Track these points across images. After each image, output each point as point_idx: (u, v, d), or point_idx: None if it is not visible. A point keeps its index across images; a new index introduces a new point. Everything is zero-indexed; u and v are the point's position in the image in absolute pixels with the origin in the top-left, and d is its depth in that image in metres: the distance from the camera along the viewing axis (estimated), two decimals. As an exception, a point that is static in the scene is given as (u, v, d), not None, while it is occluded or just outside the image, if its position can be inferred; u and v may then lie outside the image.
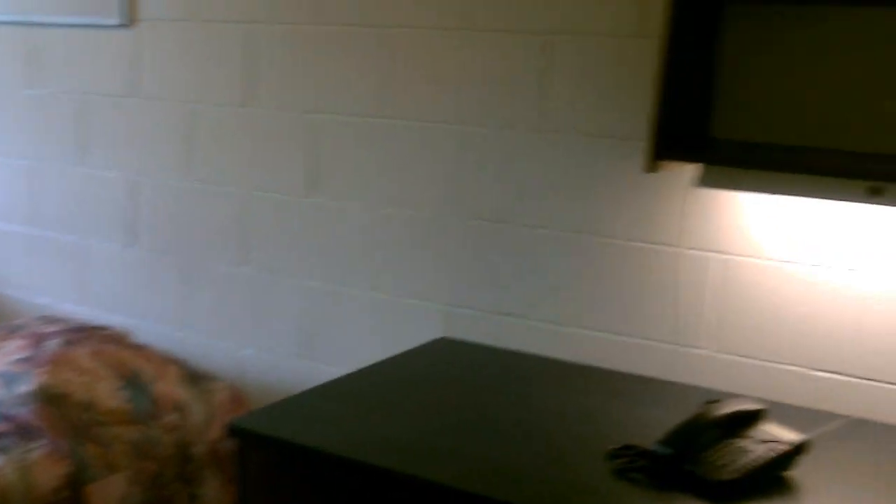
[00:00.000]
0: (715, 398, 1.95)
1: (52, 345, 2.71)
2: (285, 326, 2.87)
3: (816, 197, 2.14)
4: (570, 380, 2.32)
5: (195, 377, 2.79)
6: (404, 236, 2.66)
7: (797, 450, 1.83)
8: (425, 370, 2.35)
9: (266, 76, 2.81)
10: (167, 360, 2.82)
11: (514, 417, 2.09)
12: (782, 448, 1.81)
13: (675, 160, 2.21)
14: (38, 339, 2.76)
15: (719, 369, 2.31)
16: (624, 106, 2.34)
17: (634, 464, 1.84)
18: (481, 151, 2.53)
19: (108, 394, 2.59)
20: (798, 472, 1.85)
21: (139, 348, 2.86)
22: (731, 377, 2.30)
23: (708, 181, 2.24)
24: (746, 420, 1.88)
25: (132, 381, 2.66)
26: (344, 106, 2.70)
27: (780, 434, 1.85)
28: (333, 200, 2.75)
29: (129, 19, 3.00)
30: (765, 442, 1.83)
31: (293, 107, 2.78)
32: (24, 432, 2.39)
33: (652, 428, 1.98)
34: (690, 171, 2.26)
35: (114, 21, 3.00)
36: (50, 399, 2.50)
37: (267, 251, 2.88)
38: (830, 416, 2.13)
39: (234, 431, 2.01)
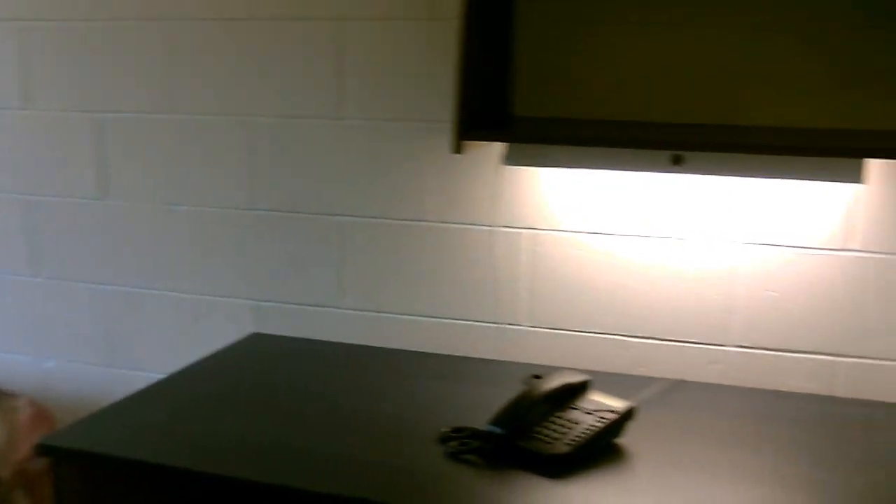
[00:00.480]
0: (538, 373, 1.95)
1: None
2: (87, 334, 2.74)
3: (621, 169, 2.18)
4: (390, 366, 2.29)
5: (-8, 397, 2.63)
6: (202, 233, 2.57)
7: (625, 417, 1.85)
8: (239, 368, 2.28)
9: (44, 75, 2.66)
10: (-41, 382, 2.64)
11: (338, 408, 2.04)
12: (611, 416, 1.83)
13: (480, 139, 2.20)
14: None
15: (539, 344, 2.33)
16: (425, 88, 2.32)
17: (467, 446, 1.82)
18: (276, 142, 2.46)
19: None
20: (627, 439, 1.87)
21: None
22: (551, 350, 2.32)
23: (513, 159, 2.25)
24: (573, 392, 1.89)
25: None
26: (130, 103, 2.58)
27: (606, 403, 1.87)
28: (125, 201, 2.64)
29: None
30: (593, 412, 1.84)
31: (76, 106, 2.64)
32: None
33: (481, 408, 1.97)
34: (497, 149, 2.26)
35: None
36: None
37: (60, 257, 2.73)
38: (649, 381, 2.18)
39: (45, 450, 1.89)
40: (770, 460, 1.80)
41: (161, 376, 2.23)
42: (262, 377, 2.22)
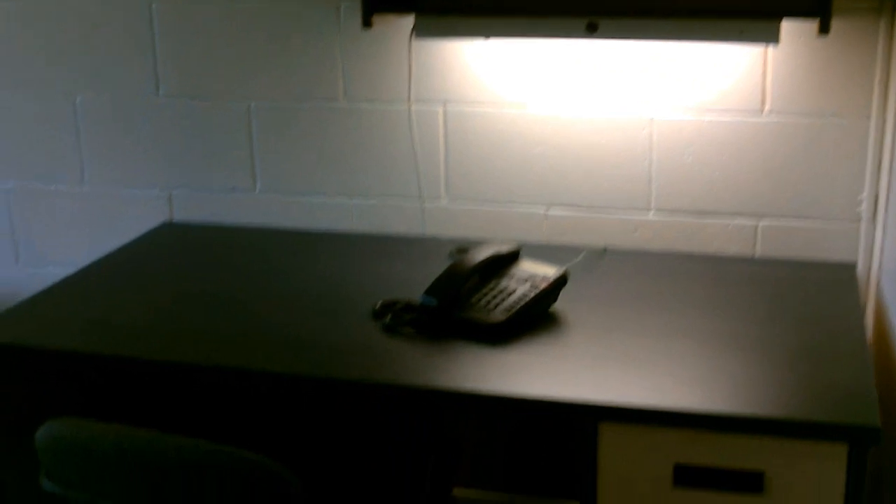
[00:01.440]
0: (463, 246, 1.94)
1: None
2: (-9, 234, 2.64)
3: (535, 37, 2.14)
4: (311, 247, 2.25)
5: None
6: (108, 122, 2.47)
7: (559, 283, 1.85)
8: (154, 257, 2.21)
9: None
10: None
11: (262, 290, 2.00)
12: (544, 283, 1.83)
13: (389, 12, 2.15)
14: None
15: (460, 219, 2.31)
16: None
17: (401, 319, 1.80)
18: (183, 25, 2.37)
19: None
20: (561, 305, 1.88)
21: None
22: (473, 225, 2.31)
23: (424, 31, 2.19)
24: (504, 262, 1.89)
25: None
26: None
27: (538, 270, 1.86)
28: (27, 90, 2.52)
29: None
30: (526, 280, 1.84)
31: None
32: None
33: (409, 283, 1.96)
34: (409, 23, 2.21)
35: None
36: None
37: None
38: (574, 250, 2.18)
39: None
40: (698, 319, 1.82)
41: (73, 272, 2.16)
42: (179, 264, 2.16)
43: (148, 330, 1.81)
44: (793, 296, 1.93)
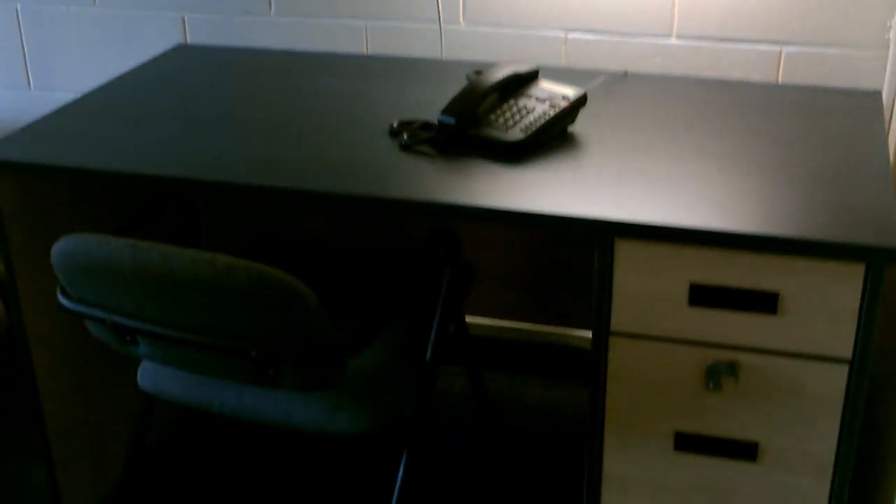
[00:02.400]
0: (481, 69, 1.90)
1: None
2: (5, 58, 2.60)
3: None
4: (327, 69, 2.21)
5: None
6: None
7: (577, 103, 1.82)
8: (169, 78, 2.18)
9: None
10: None
11: (278, 111, 1.97)
12: (563, 103, 1.80)
13: None
14: None
15: (478, 43, 2.27)
16: None
17: (419, 137, 1.78)
18: None
19: None
20: (580, 126, 1.85)
21: None
22: (491, 49, 2.26)
23: None
24: (523, 81, 1.85)
25: None
26: None
27: (557, 90, 1.83)
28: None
29: None
30: (545, 99, 1.81)
31: None
32: None
33: (426, 104, 1.94)
34: None
35: None
36: None
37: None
38: (593, 74, 2.14)
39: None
40: (718, 142, 1.80)
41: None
42: (192, 85, 2.13)
43: (162, 148, 1.80)
44: (816, 121, 1.90)
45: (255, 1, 2.38)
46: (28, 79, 2.60)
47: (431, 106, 1.93)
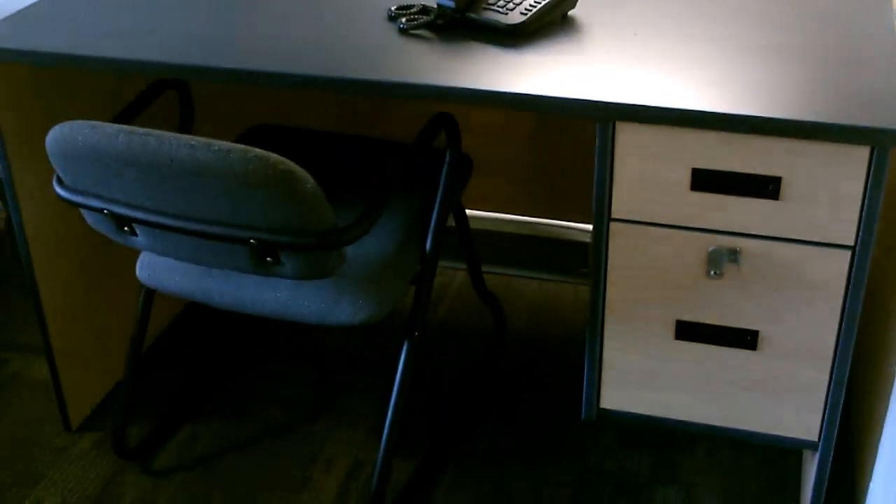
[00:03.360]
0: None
1: None
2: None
3: None
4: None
5: None
6: None
7: (579, -15, 1.78)
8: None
9: None
10: None
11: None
12: (563, -13, 1.76)
13: None
14: None
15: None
16: None
17: (418, 21, 1.75)
18: None
19: None
20: (581, 9, 1.82)
21: None
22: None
23: None
24: (523, -37, 1.81)
25: None
26: None
27: (558, -26, 1.79)
28: None
29: None
30: (545, -17, 1.77)
31: None
32: None
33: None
34: None
35: None
36: None
37: None
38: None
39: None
40: (723, 27, 1.76)
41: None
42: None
43: (157, 34, 1.76)
44: (825, 5, 1.85)
45: None
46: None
47: (430, -11, 1.89)
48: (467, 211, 2.31)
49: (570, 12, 1.81)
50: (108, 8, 1.88)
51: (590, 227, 1.61)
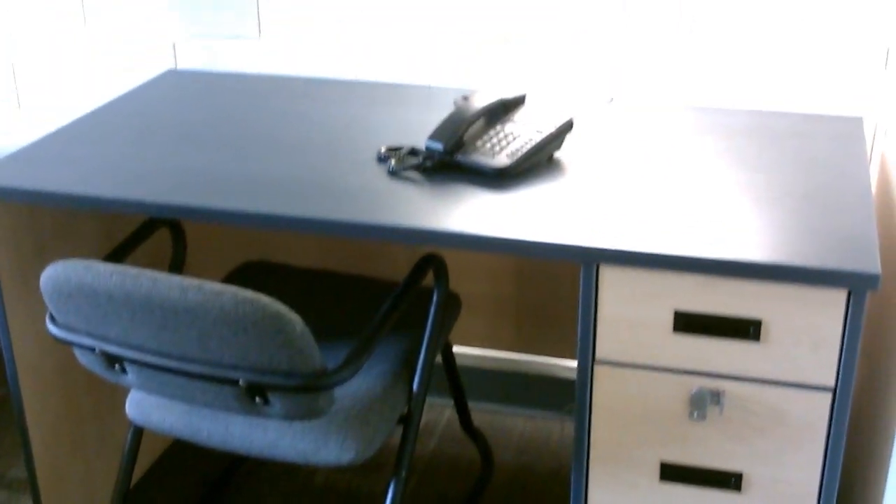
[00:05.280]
0: (469, 94, 1.91)
1: None
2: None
3: None
4: (316, 94, 2.22)
5: None
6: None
7: (563, 129, 1.83)
8: (159, 103, 2.19)
9: None
10: None
11: (269, 135, 1.98)
12: (549, 129, 1.81)
13: None
14: None
15: (465, 67, 2.28)
16: None
17: (407, 163, 1.79)
18: None
19: None
20: (566, 152, 1.86)
21: None
22: (478, 74, 2.28)
23: None
24: (510, 107, 1.87)
25: None
26: None
27: (544, 116, 1.84)
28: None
29: None
30: (531, 125, 1.82)
31: None
32: None
33: (414, 129, 1.95)
34: None
35: None
36: None
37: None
38: (582, 100, 2.15)
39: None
40: (702, 167, 1.81)
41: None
42: (183, 110, 2.14)
43: (151, 174, 1.80)
44: (799, 146, 1.91)
45: (244, 25, 2.39)
46: (18, 99, 2.61)
47: (419, 131, 1.94)
48: (455, 347, 2.33)
49: (556, 154, 1.85)
50: (104, 146, 1.92)
51: (576, 363, 1.62)
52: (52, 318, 1.65)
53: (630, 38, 2.18)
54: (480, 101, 1.83)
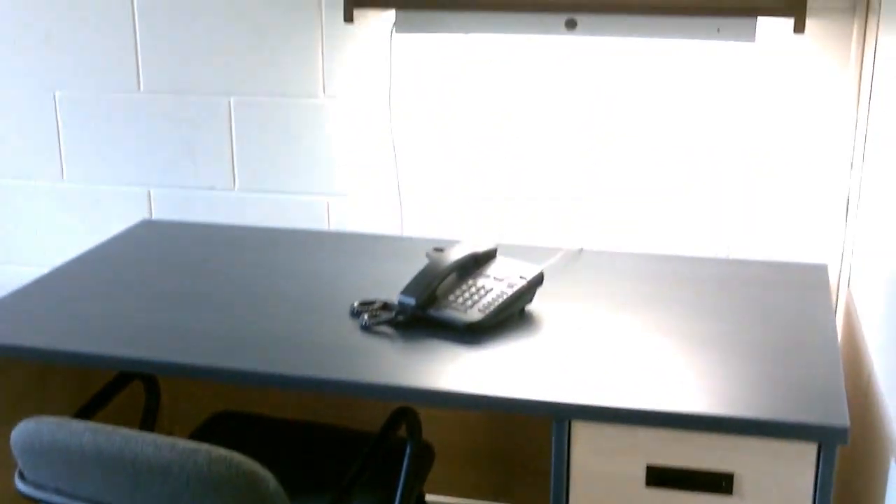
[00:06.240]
0: (440, 246, 1.95)
1: None
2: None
3: (516, 33, 2.16)
4: (290, 245, 2.25)
5: None
6: (88, 118, 2.48)
7: (534, 282, 1.86)
8: (133, 254, 2.21)
9: None
10: None
11: (241, 287, 2.00)
12: (520, 283, 1.84)
13: (371, 6, 2.16)
14: None
15: (437, 217, 2.32)
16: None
17: (380, 318, 1.81)
18: (163, 19, 2.37)
19: None
20: (537, 304, 1.89)
21: None
22: (449, 224, 2.31)
23: (405, 26, 2.21)
24: (481, 260, 1.90)
25: None
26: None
27: (515, 269, 1.87)
28: (5, 88, 2.52)
29: None
30: (503, 279, 1.85)
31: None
32: None
33: (387, 282, 1.97)
34: (389, 18, 2.22)
35: None
36: None
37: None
38: (551, 250, 2.19)
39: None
40: (671, 319, 1.84)
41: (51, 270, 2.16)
42: (157, 262, 2.16)
43: (124, 328, 1.81)
44: (765, 296, 1.95)
45: (219, 176, 2.43)
46: (4, 253, 2.63)
47: (392, 283, 1.96)
48: (428, 496, 2.32)
49: (528, 307, 1.88)
50: (77, 300, 1.94)
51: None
52: (21, 475, 1.64)
53: (598, 191, 2.23)
54: (452, 256, 1.86)
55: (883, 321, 1.71)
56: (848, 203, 2.11)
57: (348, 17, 2.11)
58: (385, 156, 2.32)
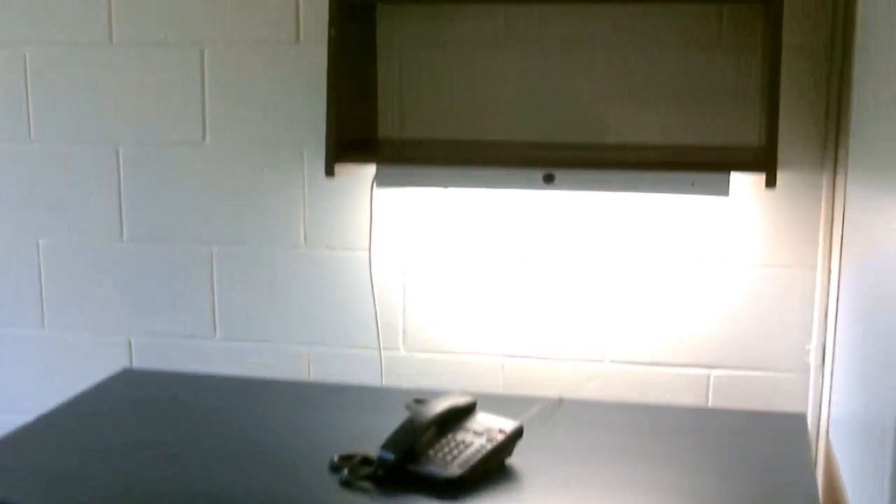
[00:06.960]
0: (420, 398, 1.95)
1: None
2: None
3: (495, 187, 2.20)
4: (270, 397, 2.25)
5: None
6: (69, 267, 2.50)
7: (514, 436, 1.87)
8: (112, 406, 2.20)
9: None
10: None
11: (219, 442, 2.00)
12: (500, 437, 1.84)
13: (352, 161, 2.20)
14: None
15: (417, 368, 2.33)
16: (293, 112, 2.31)
17: (359, 473, 1.81)
18: (143, 170, 2.42)
19: None
20: (516, 458, 1.89)
21: None
22: (430, 375, 2.33)
23: (385, 181, 2.25)
24: (461, 414, 1.90)
25: None
26: (-10, 133, 2.50)
27: (495, 423, 1.88)
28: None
29: None
30: (482, 433, 1.85)
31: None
32: None
33: (368, 435, 1.97)
34: (370, 172, 2.26)
35: None
36: None
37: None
38: (530, 401, 2.20)
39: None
40: (651, 471, 1.84)
41: (30, 419, 2.15)
42: (136, 415, 2.16)
43: (98, 484, 1.80)
44: (745, 447, 1.95)
45: (200, 325, 2.44)
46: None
47: (373, 436, 1.96)
48: None
49: (508, 460, 1.88)
50: (50, 457, 1.92)
51: None
52: None
53: (577, 344, 2.25)
54: (432, 410, 1.87)
55: (867, 475, 1.71)
56: (824, 351, 2.14)
57: (330, 172, 2.15)
58: (365, 305, 2.34)
